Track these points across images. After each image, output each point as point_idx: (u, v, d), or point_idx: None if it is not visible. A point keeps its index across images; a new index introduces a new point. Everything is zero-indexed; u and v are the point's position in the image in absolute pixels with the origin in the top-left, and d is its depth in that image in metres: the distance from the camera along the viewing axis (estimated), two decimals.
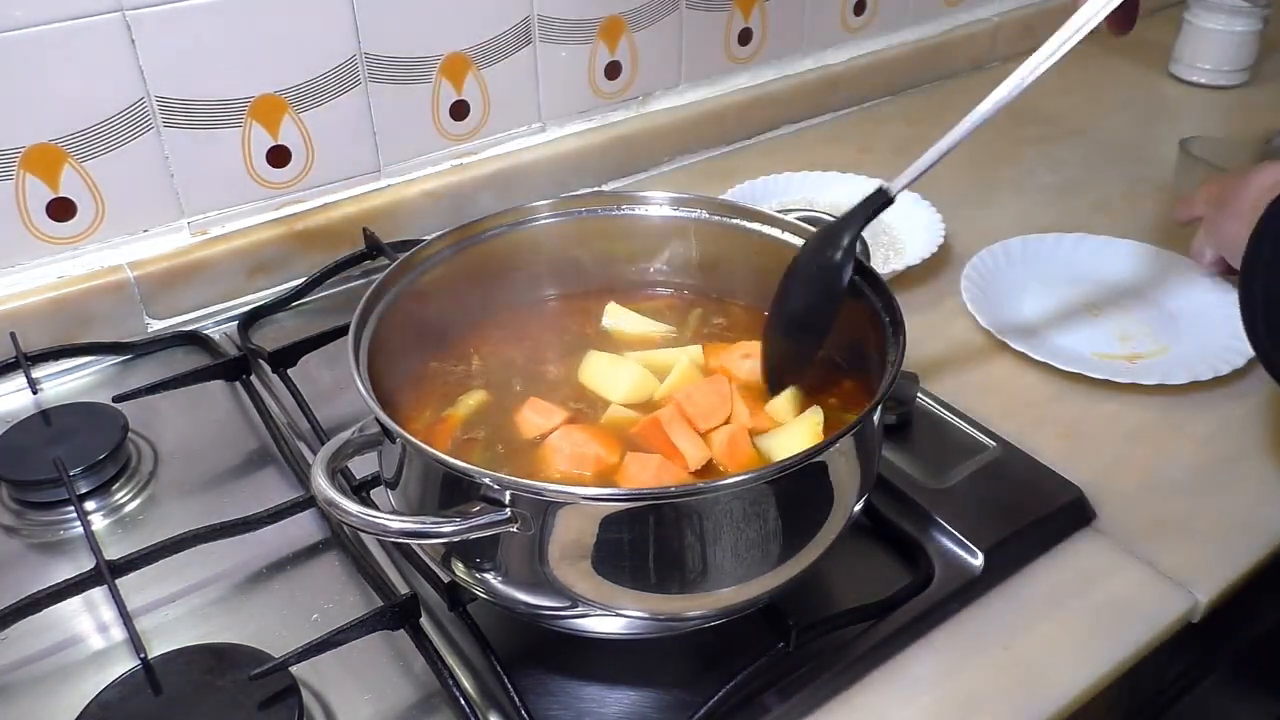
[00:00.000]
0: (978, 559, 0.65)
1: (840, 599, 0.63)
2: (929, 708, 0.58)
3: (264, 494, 0.72)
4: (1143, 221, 1.03)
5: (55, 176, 0.83)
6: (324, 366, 0.83)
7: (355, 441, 0.54)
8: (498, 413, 0.64)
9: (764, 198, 1.04)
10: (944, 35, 1.37)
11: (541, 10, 1.01)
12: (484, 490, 0.49)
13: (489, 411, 0.65)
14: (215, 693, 0.55)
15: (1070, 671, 0.60)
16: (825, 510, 0.54)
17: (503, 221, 0.69)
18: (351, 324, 0.58)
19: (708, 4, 1.13)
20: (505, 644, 0.58)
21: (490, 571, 0.53)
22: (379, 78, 0.95)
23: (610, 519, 0.49)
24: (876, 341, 0.59)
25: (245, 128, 0.90)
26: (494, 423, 0.63)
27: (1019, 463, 0.72)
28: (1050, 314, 0.90)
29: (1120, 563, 0.67)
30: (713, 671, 0.57)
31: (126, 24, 0.81)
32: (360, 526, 0.48)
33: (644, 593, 0.51)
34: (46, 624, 0.63)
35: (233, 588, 0.66)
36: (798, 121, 1.27)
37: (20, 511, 0.72)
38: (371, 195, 0.99)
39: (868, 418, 0.53)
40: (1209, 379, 0.79)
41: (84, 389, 0.85)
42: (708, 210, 0.71)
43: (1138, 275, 0.93)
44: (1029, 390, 0.81)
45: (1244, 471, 0.74)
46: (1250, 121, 1.22)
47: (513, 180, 1.06)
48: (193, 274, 0.91)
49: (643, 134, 1.14)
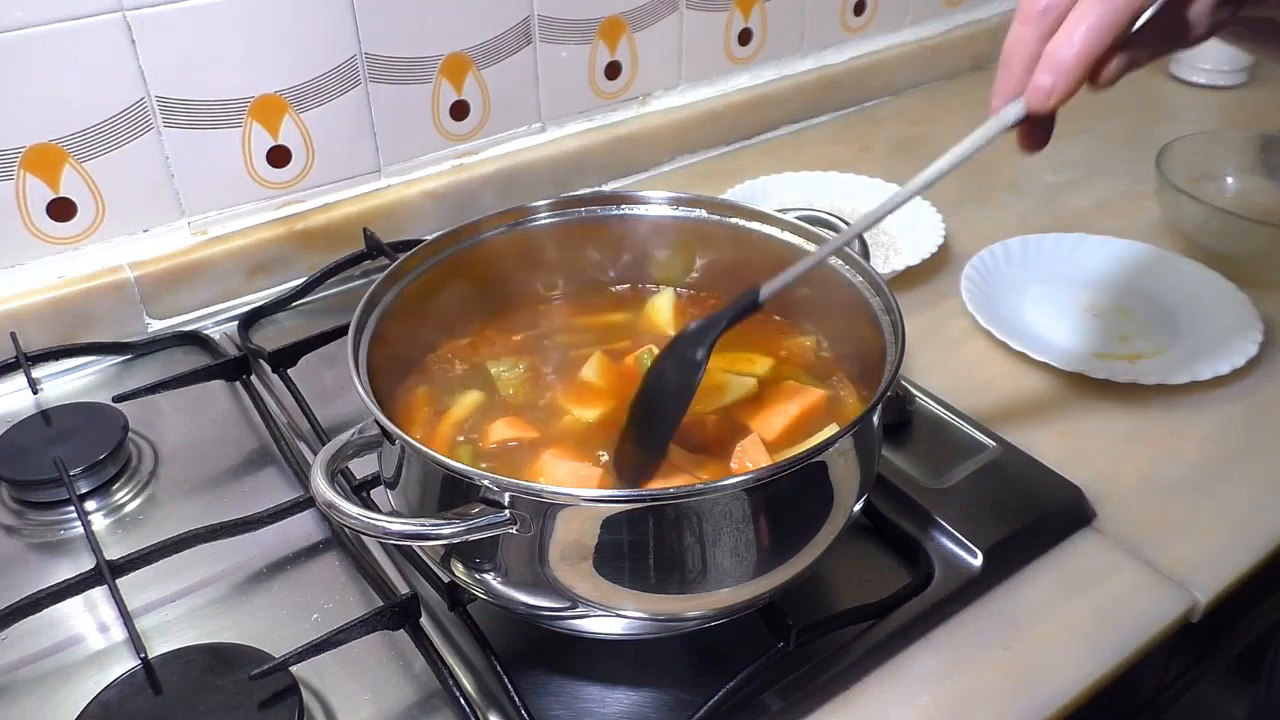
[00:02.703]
0: (977, 559, 0.65)
1: (840, 599, 0.63)
2: (929, 708, 0.58)
3: (264, 494, 0.72)
4: (1143, 221, 1.03)
5: (55, 176, 0.83)
6: (324, 366, 0.83)
7: (355, 443, 0.54)
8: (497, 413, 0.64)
9: (764, 198, 1.04)
10: (944, 35, 1.37)
11: (541, 10, 1.01)
12: (484, 492, 0.49)
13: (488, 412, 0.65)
14: (215, 693, 0.55)
15: (1069, 671, 0.60)
16: (825, 510, 0.54)
17: (503, 221, 0.69)
18: (351, 324, 0.58)
19: (708, 4, 1.13)
20: (505, 644, 0.58)
21: (490, 572, 0.53)
22: (379, 78, 0.95)
23: (610, 520, 0.49)
24: (876, 341, 0.59)
25: (245, 128, 0.90)
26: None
27: (1019, 463, 0.72)
28: (1050, 314, 0.90)
29: (1120, 563, 0.67)
30: (713, 671, 0.57)
31: (126, 24, 0.81)
32: (360, 529, 0.48)
33: (644, 593, 0.51)
34: (46, 624, 0.63)
35: (233, 588, 0.66)
36: (798, 121, 1.27)
37: (20, 511, 0.72)
38: (371, 195, 0.99)
39: (867, 418, 0.53)
40: (1209, 379, 0.79)
41: (84, 389, 0.85)
42: (708, 210, 0.71)
43: (1138, 275, 0.93)
44: (1029, 390, 0.81)
45: (1244, 471, 0.74)
46: (1250, 121, 1.22)
47: (513, 180, 1.06)
48: (193, 274, 0.91)
49: (643, 134, 1.14)
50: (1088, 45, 0.47)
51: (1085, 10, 0.47)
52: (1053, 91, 0.48)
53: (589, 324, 0.72)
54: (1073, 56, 0.47)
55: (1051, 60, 0.48)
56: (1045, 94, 0.48)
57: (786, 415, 0.62)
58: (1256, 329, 0.84)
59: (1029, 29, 0.49)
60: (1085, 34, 0.47)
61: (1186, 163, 1.01)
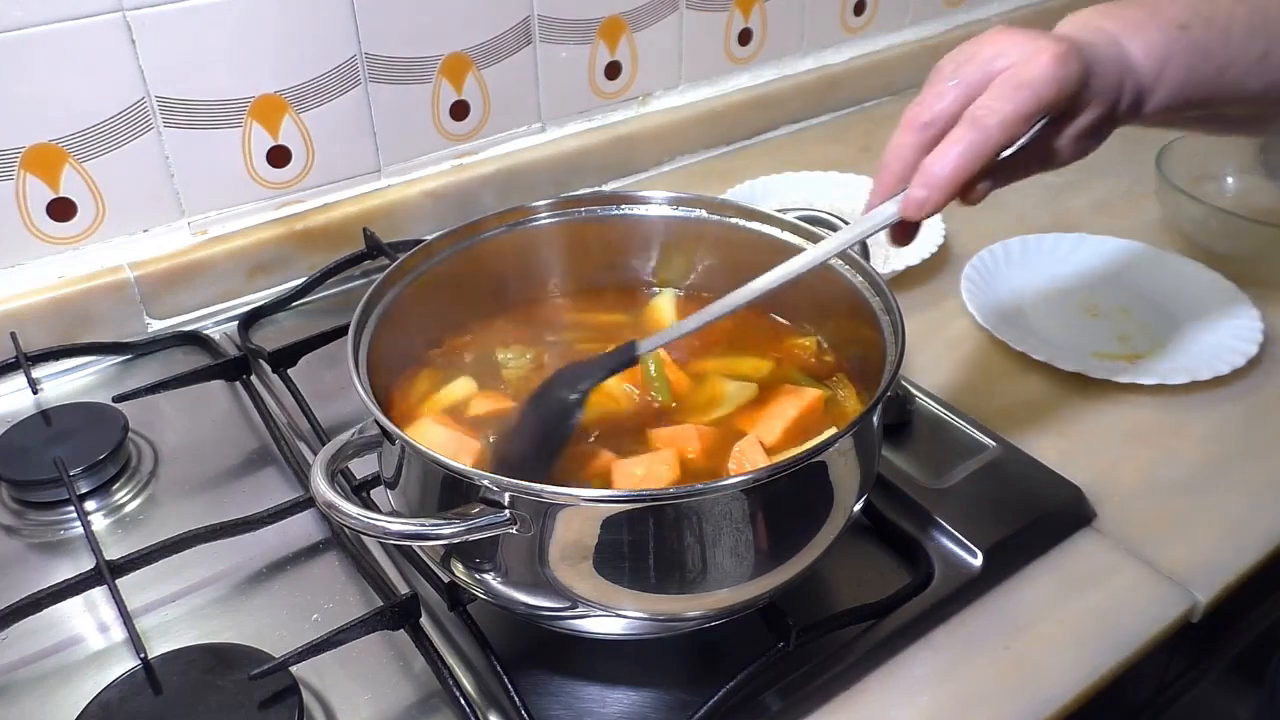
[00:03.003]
0: (977, 559, 0.65)
1: (840, 599, 0.63)
2: (929, 708, 0.58)
3: (264, 494, 0.72)
4: (1143, 221, 1.03)
5: (55, 176, 0.83)
6: (324, 366, 0.83)
7: (355, 443, 0.54)
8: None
9: (764, 198, 1.04)
10: (944, 35, 1.37)
11: (541, 10, 1.01)
12: (483, 492, 0.49)
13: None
14: (215, 693, 0.55)
15: (1069, 671, 0.60)
16: (825, 510, 0.54)
17: (503, 221, 0.69)
18: (351, 324, 0.58)
19: (708, 4, 1.13)
20: (505, 644, 0.58)
21: (490, 572, 0.53)
22: (379, 78, 0.95)
23: (610, 520, 0.49)
24: (876, 341, 0.59)
25: (245, 128, 0.90)
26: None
27: (1019, 463, 0.72)
28: (1050, 314, 0.90)
29: (1120, 563, 0.67)
30: (713, 671, 0.57)
31: (126, 24, 0.81)
32: (360, 529, 0.48)
33: (644, 593, 0.51)
34: (46, 624, 0.63)
35: (233, 588, 0.66)
36: (798, 121, 1.27)
37: (20, 511, 0.72)
38: (371, 195, 0.99)
39: (867, 418, 0.53)
40: (1209, 379, 0.79)
41: (84, 389, 0.85)
42: (708, 210, 0.71)
43: (1138, 275, 0.93)
44: (1029, 390, 0.81)
45: (1244, 471, 0.74)
46: None
47: (513, 180, 1.06)
48: (193, 274, 0.91)
49: (643, 134, 1.14)
50: (959, 167, 0.52)
51: (959, 135, 0.52)
52: (925, 203, 0.53)
53: (589, 324, 0.72)
54: (946, 175, 0.52)
55: (925, 175, 0.53)
56: (918, 205, 0.53)
57: (785, 418, 0.62)
58: (1256, 329, 0.84)
59: (911, 138, 0.55)
60: (957, 157, 0.52)
61: (1186, 163, 1.01)
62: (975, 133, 0.52)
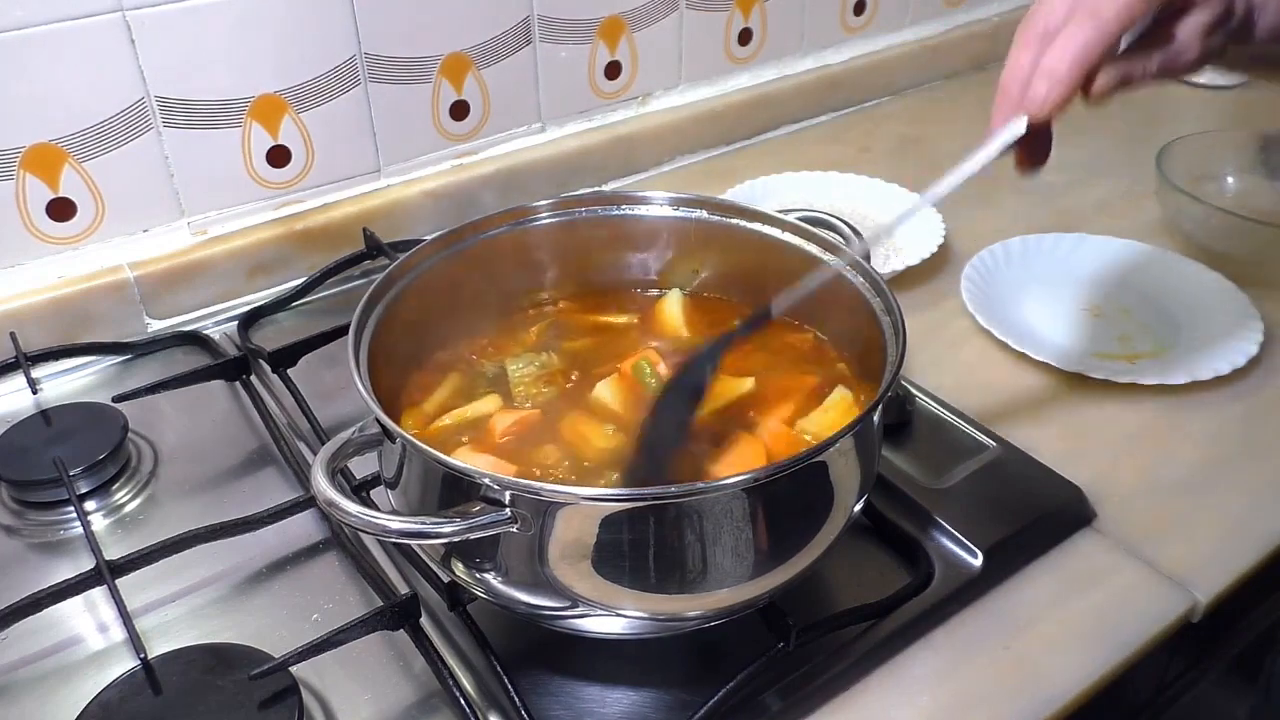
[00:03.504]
0: (977, 559, 0.65)
1: (840, 599, 0.63)
2: (929, 708, 0.58)
3: (264, 494, 0.72)
4: (1143, 221, 1.03)
5: (55, 176, 0.83)
6: (324, 366, 0.83)
7: (355, 441, 0.54)
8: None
9: (764, 198, 1.04)
10: (944, 35, 1.37)
11: (541, 10, 1.01)
12: (484, 490, 0.49)
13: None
14: (215, 693, 0.55)
15: (1070, 671, 0.60)
16: (825, 510, 0.54)
17: (503, 221, 0.69)
18: (351, 324, 0.58)
19: (708, 4, 1.13)
20: (505, 644, 0.58)
21: (490, 571, 0.53)
22: (379, 78, 0.95)
23: (610, 519, 0.49)
24: (877, 341, 0.59)
25: (245, 128, 0.90)
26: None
27: (1019, 463, 0.72)
28: (1050, 314, 0.90)
29: (1120, 563, 0.67)
30: (713, 671, 0.57)
31: (126, 24, 0.81)
32: (360, 527, 0.48)
33: (644, 593, 0.51)
34: (46, 624, 0.63)
35: (233, 588, 0.66)
36: (798, 121, 1.27)
37: (20, 511, 0.72)
38: (371, 195, 0.99)
39: (868, 418, 0.53)
40: (1209, 379, 0.79)
41: (84, 389, 0.85)
42: (708, 210, 0.71)
43: (1138, 275, 0.93)
44: (1029, 390, 0.81)
45: (1244, 471, 0.74)
46: (1250, 121, 1.22)
47: (513, 180, 1.06)
48: (193, 274, 0.91)
49: (643, 134, 1.14)
50: (1078, 57, 0.51)
51: (1076, 27, 0.51)
52: (1047, 98, 0.52)
53: (591, 324, 0.72)
54: (1065, 67, 0.51)
55: (1045, 70, 0.52)
56: (1040, 101, 0.52)
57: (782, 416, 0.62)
58: (1256, 329, 0.84)
59: (1029, 54, 0.53)
60: (1076, 47, 0.51)
61: (1186, 163, 1.01)
62: (1091, 19, 0.51)
